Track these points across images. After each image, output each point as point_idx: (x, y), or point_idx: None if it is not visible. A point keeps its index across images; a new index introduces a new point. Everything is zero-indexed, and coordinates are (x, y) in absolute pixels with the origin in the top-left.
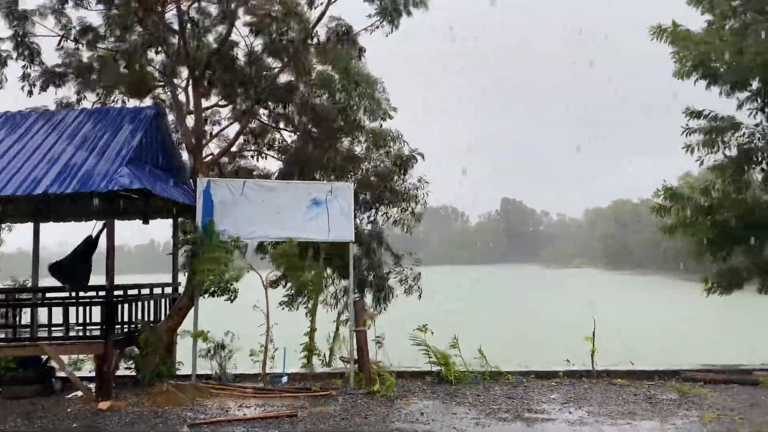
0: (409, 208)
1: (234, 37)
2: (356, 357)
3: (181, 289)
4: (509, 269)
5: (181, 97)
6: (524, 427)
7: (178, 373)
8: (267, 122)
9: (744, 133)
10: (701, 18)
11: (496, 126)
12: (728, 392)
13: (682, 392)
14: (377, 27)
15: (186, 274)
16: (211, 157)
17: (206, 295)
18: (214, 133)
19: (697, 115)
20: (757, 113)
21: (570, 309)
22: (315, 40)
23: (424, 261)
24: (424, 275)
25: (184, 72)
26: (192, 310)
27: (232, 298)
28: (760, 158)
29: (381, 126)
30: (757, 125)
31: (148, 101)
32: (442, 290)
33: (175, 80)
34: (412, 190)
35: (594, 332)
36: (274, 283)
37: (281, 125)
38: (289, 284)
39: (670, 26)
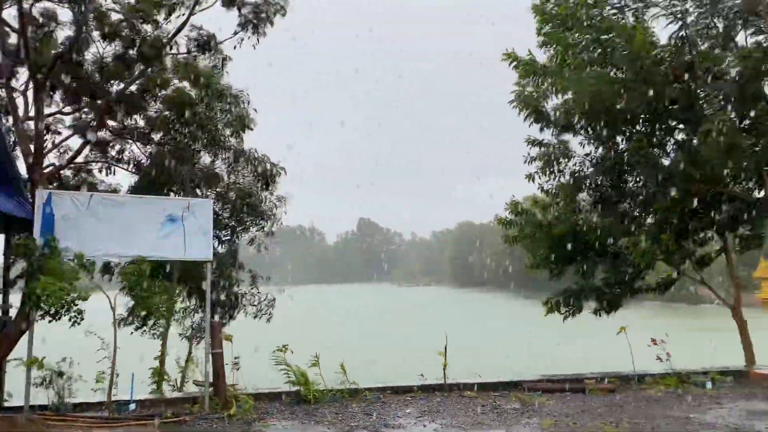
0: (266, 227)
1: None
2: (212, 380)
3: (12, 312)
4: (364, 288)
5: (19, 102)
6: None
7: (6, 404)
8: (117, 133)
9: (575, 162)
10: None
11: (356, 147)
12: (563, 400)
13: (523, 402)
14: (242, 39)
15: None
16: (52, 168)
17: (46, 317)
18: (56, 142)
19: (537, 143)
20: (585, 145)
21: (422, 326)
22: (174, 50)
23: (280, 281)
24: (279, 295)
25: (23, 75)
26: (26, 336)
27: (76, 320)
28: (588, 184)
29: (242, 140)
30: (587, 155)
31: None
32: (299, 310)
33: (13, 83)
34: (272, 209)
35: (446, 347)
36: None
37: (133, 137)
38: (137, 306)
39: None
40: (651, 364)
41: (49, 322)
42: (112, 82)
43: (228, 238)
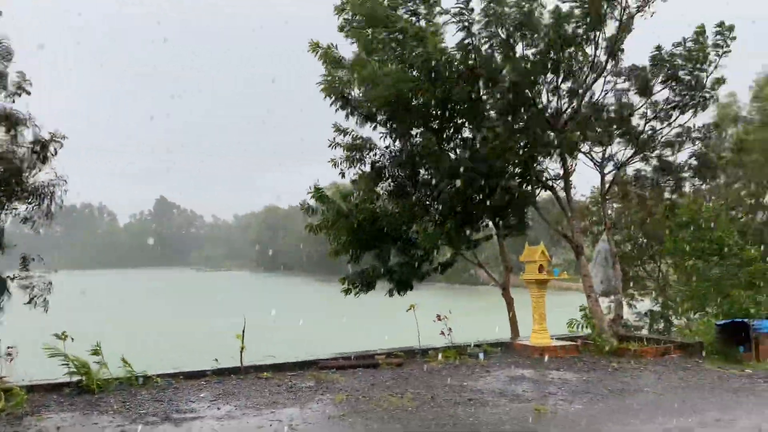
0: (44, 206)
1: None
2: None
3: None
4: (160, 272)
5: None
6: (172, 428)
7: None
8: None
9: (376, 153)
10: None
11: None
12: (356, 375)
13: (318, 379)
14: None
15: None
16: None
17: None
18: None
19: (343, 132)
20: (385, 138)
21: (222, 310)
22: None
23: (63, 264)
24: (63, 280)
25: None
26: None
27: None
28: (387, 175)
29: (14, 102)
30: (386, 147)
31: None
32: (83, 296)
33: None
34: (49, 186)
35: (243, 331)
36: None
37: None
38: None
39: (325, 47)
40: (435, 340)
41: None
42: None
43: None
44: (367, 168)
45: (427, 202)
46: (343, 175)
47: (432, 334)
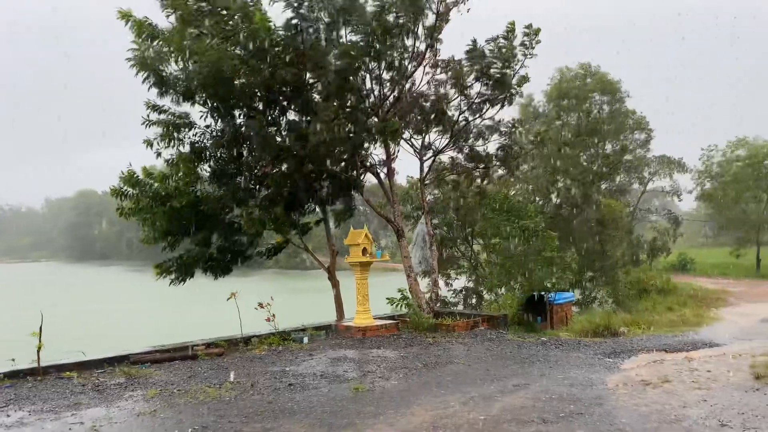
0: None
1: None
2: None
3: None
4: None
5: None
6: None
7: None
8: None
9: (196, 132)
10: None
11: None
12: (171, 369)
13: (129, 375)
14: None
15: None
16: None
17: None
18: None
19: (157, 109)
20: (206, 116)
21: (22, 306)
22: None
23: None
24: None
25: None
26: None
27: None
28: (208, 155)
29: None
30: (207, 126)
31: None
32: None
33: None
34: None
35: (41, 327)
36: None
37: None
38: None
39: (139, 17)
40: (261, 327)
41: None
42: None
43: None
44: (186, 149)
45: (252, 186)
46: (159, 155)
47: (258, 321)
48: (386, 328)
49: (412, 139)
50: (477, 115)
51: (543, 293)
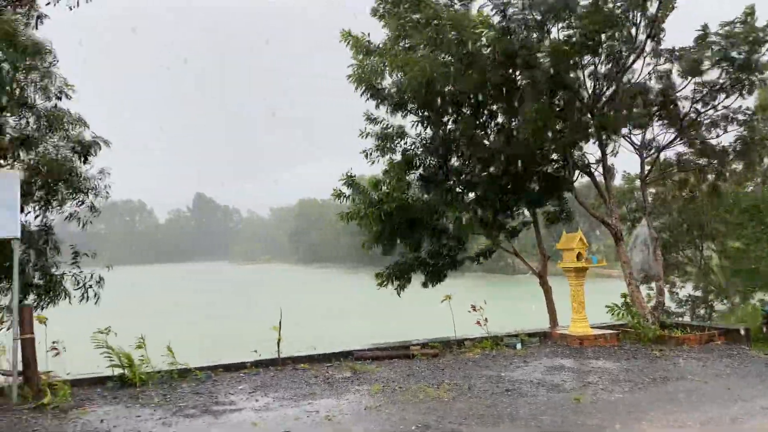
0: (88, 201)
1: None
2: (21, 368)
3: None
4: (200, 267)
5: None
6: (212, 420)
7: None
8: None
9: (407, 142)
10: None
11: (187, 118)
12: (391, 366)
13: (354, 370)
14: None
15: None
16: None
17: None
18: None
19: (373, 121)
20: (417, 125)
21: (259, 303)
22: None
23: (105, 260)
24: (106, 276)
25: None
26: None
27: None
28: (418, 163)
29: (56, 106)
30: (418, 135)
31: None
32: (126, 292)
33: None
34: (93, 182)
35: (280, 322)
36: None
37: None
38: None
39: (357, 35)
40: (471, 330)
41: None
42: None
43: (39, 213)
44: (398, 157)
45: (459, 190)
46: (373, 163)
47: (468, 324)
48: (605, 337)
49: (631, 135)
50: (709, 106)
51: None
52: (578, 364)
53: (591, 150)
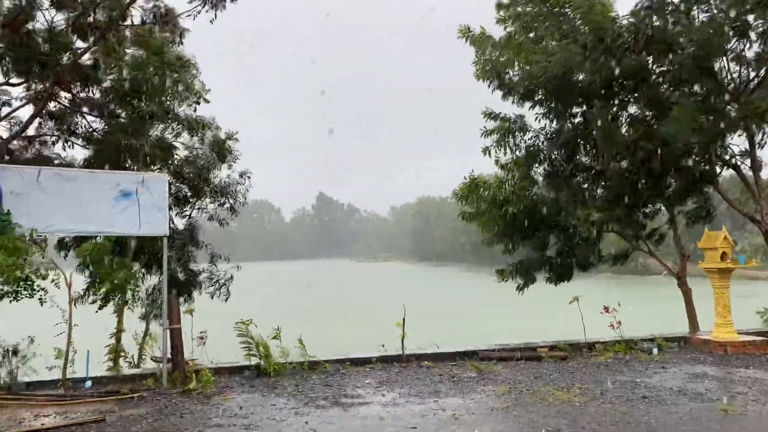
0: (228, 203)
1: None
2: (170, 356)
3: None
4: (323, 264)
5: None
6: (341, 412)
7: None
8: (68, 105)
9: (530, 136)
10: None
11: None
12: (517, 368)
13: (479, 370)
14: (199, 12)
15: None
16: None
17: (5, 298)
18: (2, 114)
19: (493, 117)
20: (541, 118)
21: (381, 299)
22: (129, 21)
23: (235, 257)
24: (237, 272)
25: None
26: None
27: (41, 298)
28: (542, 158)
29: (195, 111)
30: (542, 129)
31: None
32: (258, 286)
33: None
34: (233, 185)
35: (404, 319)
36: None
37: (85, 109)
38: (97, 283)
39: (478, 31)
40: (601, 332)
41: (11, 302)
42: (63, 52)
43: (185, 214)
44: (521, 153)
45: (589, 187)
46: (497, 163)
47: (597, 326)
48: (754, 345)
49: None
50: None
51: None
52: (723, 372)
53: (736, 141)
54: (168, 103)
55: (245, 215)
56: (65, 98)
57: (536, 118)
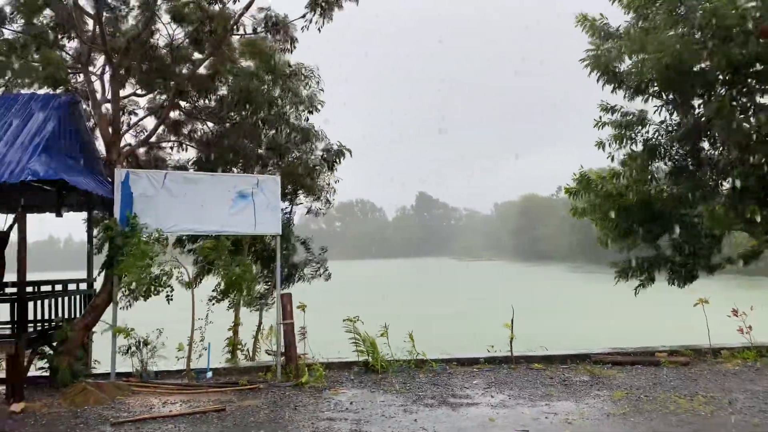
0: (326, 199)
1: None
2: (283, 350)
3: (96, 286)
4: (425, 262)
5: (97, 85)
6: (450, 411)
7: (94, 371)
8: (187, 113)
9: (648, 130)
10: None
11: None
12: (634, 372)
13: (592, 374)
14: (310, 21)
15: (104, 270)
16: (128, 147)
17: (138, 299)
18: (131, 123)
19: (610, 110)
20: (660, 111)
21: (486, 299)
22: (241, 30)
23: (342, 255)
24: (343, 269)
25: (100, 59)
26: (110, 308)
27: (169, 296)
28: (663, 153)
29: (308, 119)
30: (661, 122)
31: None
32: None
33: (91, 68)
34: (333, 184)
35: (512, 320)
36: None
37: (202, 116)
38: (217, 279)
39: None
40: (726, 338)
41: (145, 300)
42: (182, 64)
43: (288, 211)
44: (638, 147)
45: (714, 181)
46: (612, 158)
47: (720, 331)
48: None
49: None
50: None
51: None
52: None
53: None
54: (279, 109)
55: (348, 214)
56: (184, 107)
57: (655, 111)
